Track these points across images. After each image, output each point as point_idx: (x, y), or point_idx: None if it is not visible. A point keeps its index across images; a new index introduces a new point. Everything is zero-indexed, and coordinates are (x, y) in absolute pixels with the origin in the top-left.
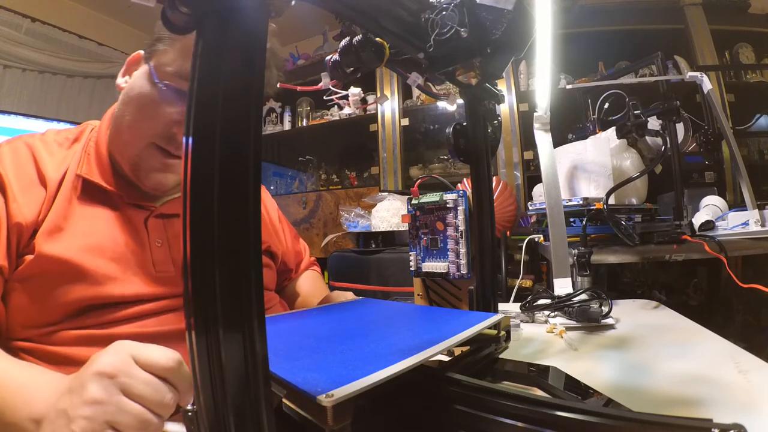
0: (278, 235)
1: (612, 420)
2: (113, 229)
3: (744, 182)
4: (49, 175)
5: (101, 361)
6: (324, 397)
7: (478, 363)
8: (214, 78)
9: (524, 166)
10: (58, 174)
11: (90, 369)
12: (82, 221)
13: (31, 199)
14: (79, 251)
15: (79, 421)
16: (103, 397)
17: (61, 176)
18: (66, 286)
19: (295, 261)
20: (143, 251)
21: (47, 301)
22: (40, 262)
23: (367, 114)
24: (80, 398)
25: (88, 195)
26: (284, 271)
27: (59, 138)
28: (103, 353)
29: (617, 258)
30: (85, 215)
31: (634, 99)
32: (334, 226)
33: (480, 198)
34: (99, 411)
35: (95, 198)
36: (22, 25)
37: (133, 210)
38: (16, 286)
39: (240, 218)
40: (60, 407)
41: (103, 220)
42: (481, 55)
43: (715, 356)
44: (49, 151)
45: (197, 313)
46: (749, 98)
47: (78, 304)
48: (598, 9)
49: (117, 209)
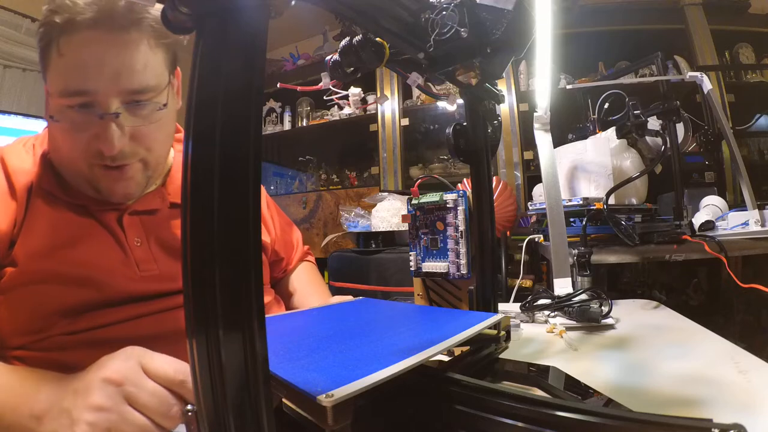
0: (266, 224)
1: (612, 420)
2: (89, 235)
3: (744, 182)
4: (20, 185)
5: (109, 367)
6: (324, 397)
7: (478, 363)
8: (214, 78)
9: (524, 166)
10: (28, 182)
11: (97, 373)
12: (58, 230)
13: (4, 210)
14: (59, 261)
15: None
16: (107, 404)
17: (30, 185)
18: (51, 295)
19: (286, 250)
20: (123, 253)
21: (34, 310)
22: (22, 273)
23: (367, 114)
24: (85, 402)
25: (58, 204)
26: (276, 261)
27: (27, 146)
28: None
29: (617, 258)
30: (59, 224)
31: (634, 99)
32: (334, 226)
33: (480, 198)
34: (102, 418)
35: (66, 206)
36: (22, 25)
37: (105, 212)
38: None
39: (240, 218)
40: (64, 406)
41: (77, 227)
42: (481, 55)
43: (715, 356)
44: (19, 159)
45: (197, 313)
46: (749, 98)
47: (66, 311)
48: (598, 9)
49: (89, 215)
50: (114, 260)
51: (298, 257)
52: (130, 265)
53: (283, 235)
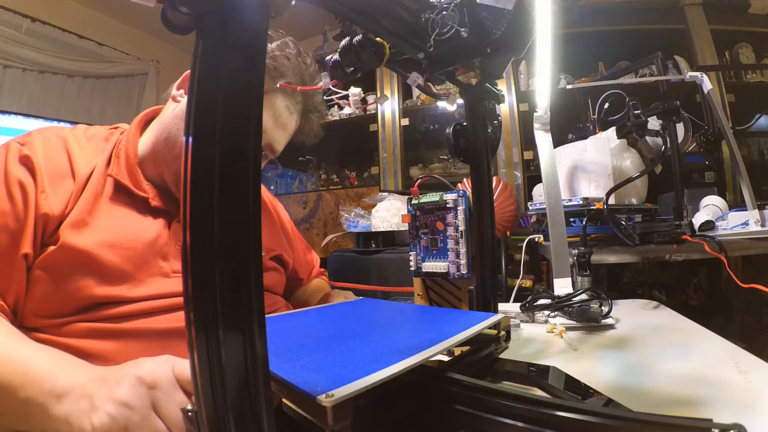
0: (292, 245)
1: (612, 420)
2: (136, 229)
3: (744, 182)
4: (79, 169)
5: (146, 367)
6: (324, 397)
7: (478, 363)
8: (214, 78)
9: (524, 166)
10: (87, 169)
11: (132, 370)
12: (106, 218)
13: (60, 190)
14: (99, 246)
15: (102, 414)
16: (133, 402)
17: (90, 171)
18: (83, 279)
19: (306, 271)
20: (162, 254)
21: (63, 292)
22: (61, 252)
23: (367, 114)
24: (111, 393)
25: (115, 194)
26: (294, 279)
27: (89, 134)
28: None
29: (617, 258)
30: (110, 213)
31: (634, 99)
32: (334, 226)
33: (480, 198)
34: (123, 414)
35: (122, 198)
36: (22, 25)
37: (158, 214)
38: (36, 273)
39: (240, 218)
40: (87, 391)
41: (127, 219)
42: (481, 55)
43: (715, 356)
44: (79, 145)
45: (197, 313)
46: (749, 98)
47: (91, 299)
48: (598, 9)
49: (142, 212)
50: (152, 260)
51: (314, 275)
52: (164, 268)
53: (304, 257)
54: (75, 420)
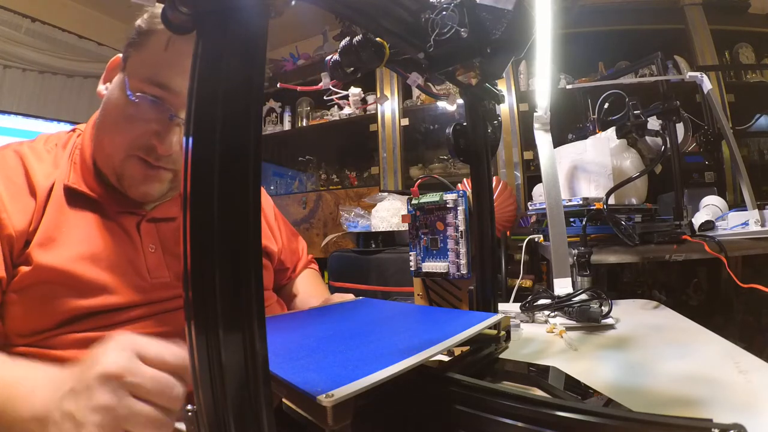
0: (274, 234)
1: (612, 420)
2: (106, 237)
3: (744, 182)
4: (39, 184)
5: (105, 361)
6: (324, 397)
7: (478, 363)
8: (214, 78)
9: (524, 166)
10: (48, 182)
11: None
12: (74, 230)
13: (21, 208)
14: (73, 261)
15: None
16: (112, 402)
17: (51, 184)
18: (62, 296)
19: (292, 260)
20: (137, 258)
21: (44, 310)
22: (36, 273)
23: (367, 114)
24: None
25: (79, 204)
26: (281, 270)
27: (49, 145)
28: (106, 351)
29: (617, 258)
30: (77, 224)
31: (634, 99)
32: (334, 226)
33: (480, 198)
34: (109, 417)
35: (86, 206)
36: (22, 25)
37: (125, 216)
38: (12, 297)
39: (240, 219)
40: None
41: (96, 228)
42: (481, 55)
43: (715, 356)
44: (38, 158)
45: (197, 314)
46: (749, 98)
47: (74, 312)
48: (598, 9)
49: (108, 217)
50: (127, 266)
51: (303, 265)
52: (142, 272)
53: (289, 245)
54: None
